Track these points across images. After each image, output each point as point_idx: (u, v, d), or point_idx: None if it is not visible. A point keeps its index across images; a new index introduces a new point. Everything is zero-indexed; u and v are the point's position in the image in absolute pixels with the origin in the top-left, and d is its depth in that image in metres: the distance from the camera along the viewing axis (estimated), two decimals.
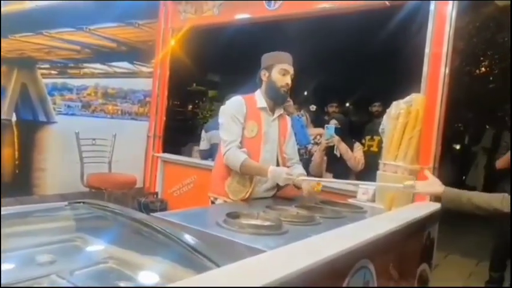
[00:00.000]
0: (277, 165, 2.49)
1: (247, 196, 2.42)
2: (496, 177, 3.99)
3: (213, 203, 2.53)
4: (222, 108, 2.57)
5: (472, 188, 4.36)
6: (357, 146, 3.88)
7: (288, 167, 2.55)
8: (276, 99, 2.51)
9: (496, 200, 1.92)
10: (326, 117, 4.46)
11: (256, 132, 2.45)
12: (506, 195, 1.93)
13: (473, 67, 7.46)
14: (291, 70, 2.46)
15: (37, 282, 1.06)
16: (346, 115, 4.64)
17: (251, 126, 2.45)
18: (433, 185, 2.01)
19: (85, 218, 1.68)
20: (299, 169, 2.61)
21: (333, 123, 3.73)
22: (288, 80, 2.45)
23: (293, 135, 2.70)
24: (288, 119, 2.69)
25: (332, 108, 4.92)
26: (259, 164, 2.41)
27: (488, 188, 5.31)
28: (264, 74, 2.48)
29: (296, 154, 2.70)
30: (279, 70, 2.43)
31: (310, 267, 1.13)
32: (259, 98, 2.51)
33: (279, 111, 2.56)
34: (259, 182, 2.47)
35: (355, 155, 3.73)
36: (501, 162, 3.66)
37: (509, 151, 3.55)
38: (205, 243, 1.28)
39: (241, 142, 2.43)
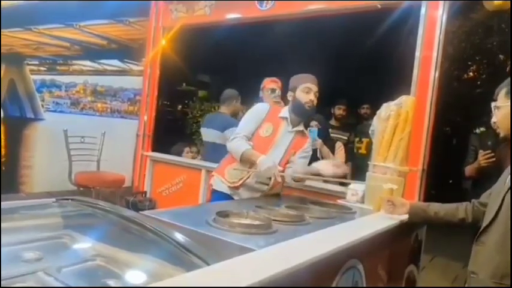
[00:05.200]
0: None
1: (239, 183, 2.60)
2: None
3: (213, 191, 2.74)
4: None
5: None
6: (338, 146, 3.90)
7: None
8: (301, 115, 2.66)
9: (461, 210, 1.91)
10: None
11: (270, 134, 2.63)
12: (469, 204, 1.91)
13: (461, 71, 7.54)
14: (314, 88, 2.60)
15: (24, 279, 1.04)
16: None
17: (267, 127, 2.65)
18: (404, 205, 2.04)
19: (73, 215, 1.66)
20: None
21: (313, 124, 3.74)
22: (311, 96, 2.58)
23: (308, 157, 2.75)
24: (309, 141, 2.78)
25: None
26: (258, 153, 2.53)
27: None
28: (290, 95, 2.67)
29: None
30: (303, 89, 2.59)
31: (299, 267, 1.13)
32: (284, 110, 2.70)
33: (299, 127, 2.69)
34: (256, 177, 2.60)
35: (336, 157, 3.74)
36: (468, 171, 3.37)
37: (478, 159, 3.24)
38: (195, 242, 1.27)
39: (251, 139, 2.61)
